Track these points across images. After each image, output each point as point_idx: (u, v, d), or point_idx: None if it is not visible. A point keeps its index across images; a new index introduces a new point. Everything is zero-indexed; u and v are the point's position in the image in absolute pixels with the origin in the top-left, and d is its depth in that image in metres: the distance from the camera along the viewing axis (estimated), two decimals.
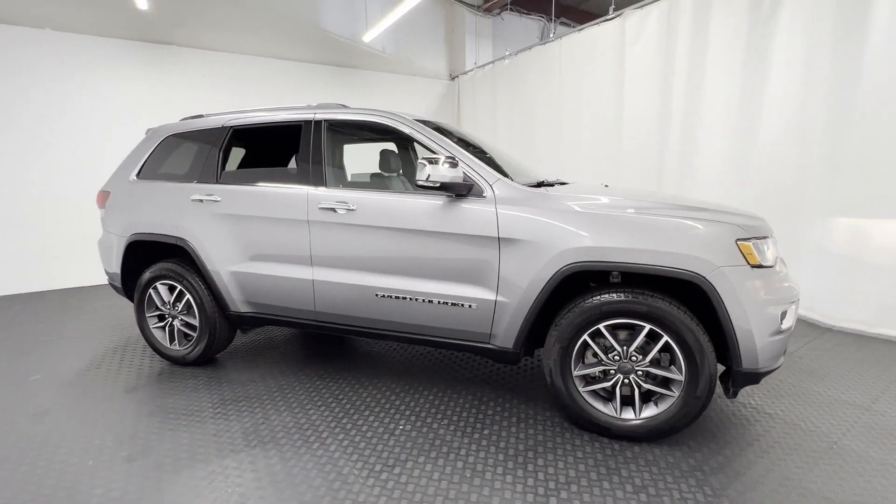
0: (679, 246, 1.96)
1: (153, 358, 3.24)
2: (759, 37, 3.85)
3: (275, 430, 2.29)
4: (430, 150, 2.46)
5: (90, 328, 3.94)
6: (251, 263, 2.74)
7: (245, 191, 2.75)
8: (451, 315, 2.35)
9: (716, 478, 1.89)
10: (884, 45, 3.21)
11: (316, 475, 1.94)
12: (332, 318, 2.64)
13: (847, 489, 1.82)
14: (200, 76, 5.92)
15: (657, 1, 4.63)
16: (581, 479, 1.89)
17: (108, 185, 3.26)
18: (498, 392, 2.68)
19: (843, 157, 3.49)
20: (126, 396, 2.68)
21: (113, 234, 3.17)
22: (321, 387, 2.76)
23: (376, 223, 2.42)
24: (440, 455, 2.07)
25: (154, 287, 3.03)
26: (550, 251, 2.11)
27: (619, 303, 2.03)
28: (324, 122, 2.70)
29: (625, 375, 2.11)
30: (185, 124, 3.12)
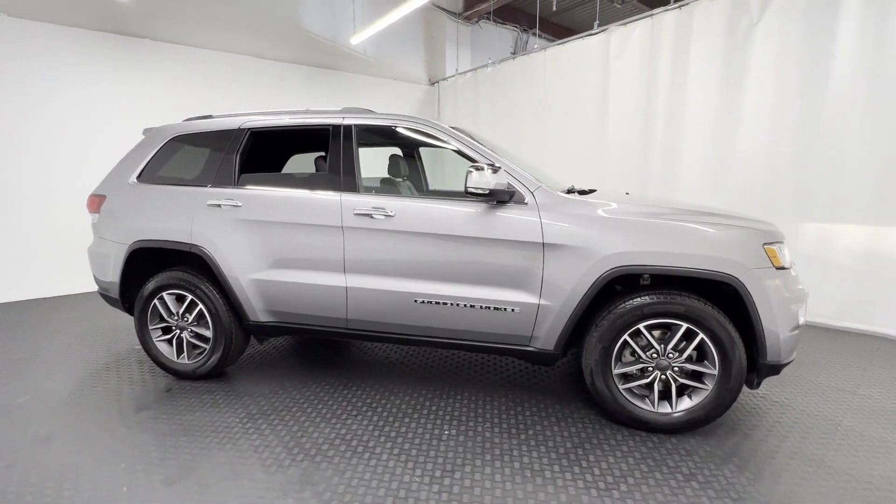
0: (715, 250, 2.12)
1: (154, 373, 3.03)
2: (736, 57, 4.21)
3: (317, 443, 2.23)
4: (467, 158, 2.50)
5: (68, 343, 3.62)
6: (275, 271, 2.65)
7: (270, 196, 2.66)
8: (493, 319, 2.39)
9: (752, 462, 2.06)
10: (845, 67, 3.61)
11: (377, 485, 1.91)
12: (366, 325, 2.60)
13: (861, 465, 2.04)
14: (175, 72, 5.59)
15: (640, 20, 4.92)
16: (633, 472, 2.00)
17: (103, 189, 3.02)
18: (528, 393, 2.75)
19: (809, 167, 3.88)
20: (138, 416, 2.50)
21: (110, 241, 2.94)
22: (350, 395, 2.71)
23: (417, 229, 2.42)
24: (494, 458, 2.10)
25: (160, 297, 2.84)
26: (595, 256, 2.21)
27: (660, 304, 2.17)
28: (354, 127, 2.66)
29: (661, 372, 2.25)
30: (192, 125, 2.96)
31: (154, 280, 2.84)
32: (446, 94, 7.73)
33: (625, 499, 1.83)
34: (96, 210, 3.01)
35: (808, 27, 3.78)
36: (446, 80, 7.71)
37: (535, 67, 6.13)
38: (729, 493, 1.85)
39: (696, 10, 4.45)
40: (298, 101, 6.56)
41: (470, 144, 2.50)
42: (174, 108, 5.53)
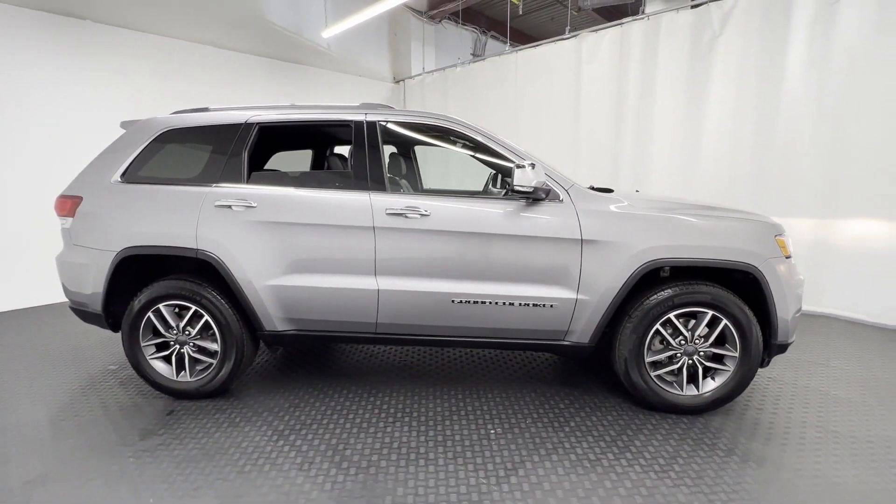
0: (737, 242, 2.31)
1: (145, 394, 2.71)
2: (700, 66, 4.59)
3: (364, 454, 2.12)
4: (497, 156, 2.51)
5: (25, 369, 3.12)
6: (297, 276, 2.47)
7: (291, 196, 2.48)
8: (531, 316, 2.42)
9: (774, 434, 2.27)
10: (796, 78, 4.08)
11: (446, 491, 1.86)
12: (398, 328, 2.52)
13: (858, 428, 2.32)
14: (121, 58, 5.02)
15: (610, 27, 5.21)
16: (679, 452, 2.12)
17: (77, 189, 2.64)
18: (552, 386, 2.81)
19: (765, 167, 4.34)
20: (145, 442, 2.22)
21: (89, 249, 2.58)
22: (378, 402, 2.61)
23: (454, 228, 2.39)
24: (549, 451, 2.13)
25: (155, 310, 2.55)
26: (631, 250, 2.31)
27: (689, 293, 2.32)
28: (378, 124, 2.56)
29: (688, 357, 2.41)
30: (187, 119, 2.68)
31: (147, 291, 2.53)
32: (413, 92, 7.65)
33: (682, 477, 1.94)
34: (68, 213, 2.63)
35: (763, 42, 4.21)
36: (412, 78, 7.63)
37: (507, 69, 6.26)
38: (767, 464, 2.03)
39: (663, 22, 4.80)
40: (261, 94, 6.18)
41: (502, 143, 2.51)
42: (121, 96, 4.98)
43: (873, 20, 3.66)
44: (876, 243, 3.87)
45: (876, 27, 3.65)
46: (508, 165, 2.48)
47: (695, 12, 4.58)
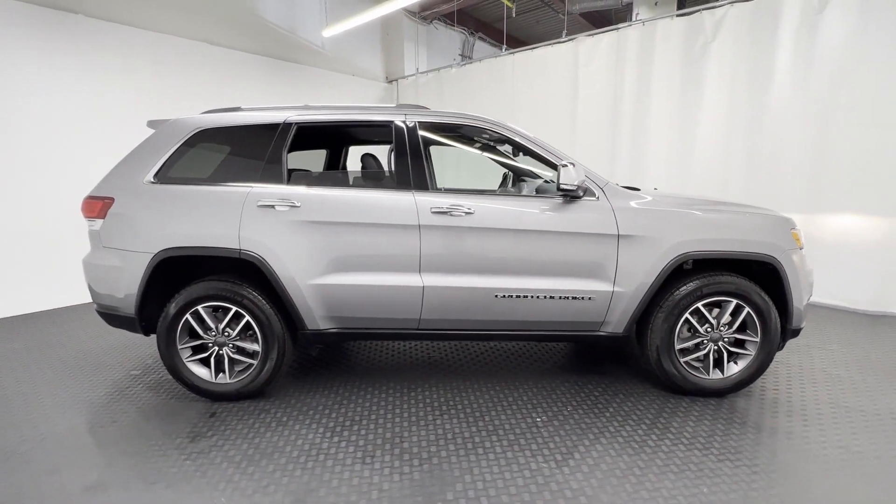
0: (760, 235, 2.50)
1: (181, 398, 2.67)
2: (694, 70, 4.85)
3: (422, 446, 2.18)
4: (536, 156, 2.62)
5: (43, 377, 3.00)
6: (341, 275, 2.50)
7: (335, 195, 2.50)
8: (570, 308, 2.54)
9: (796, 411, 2.47)
10: (783, 82, 4.37)
11: (512, 476, 1.95)
12: (441, 324, 2.58)
13: (864, 402, 2.55)
14: (113, 54, 4.84)
15: (606, 32, 5.41)
16: (716, 432, 2.28)
17: (107, 190, 2.58)
18: (585, 376, 2.94)
19: (755, 165, 4.63)
20: (196, 444, 2.21)
21: (123, 251, 2.52)
22: (419, 396, 2.66)
23: (498, 225, 2.47)
24: (597, 435, 2.25)
25: (194, 312, 2.52)
26: (664, 244, 2.46)
27: (716, 284, 2.49)
28: (419, 125, 2.62)
29: (714, 343, 2.58)
30: (221, 118, 2.65)
31: (185, 293, 2.50)
32: (407, 92, 7.68)
33: (724, 453, 2.09)
34: (98, 215, 2.56)
35: (753, 48, 4.49)
36: (406, 78, 7.66)
37: (503, 70, 6.39)
38: (797, 439, 2.22)
39: (658, 28, 5.03)
40: (257, 93, 6.08)
41: (541, 143, 2.61)
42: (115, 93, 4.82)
43: (854, 29, 3.97)
44: (855, 236, 4.20)
45: (856, 36, 3.96)
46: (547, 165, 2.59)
47: (688, 19, 4.83)
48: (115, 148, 4.71)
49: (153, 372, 3.06)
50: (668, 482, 1.90)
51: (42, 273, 4.53)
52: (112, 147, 4.73)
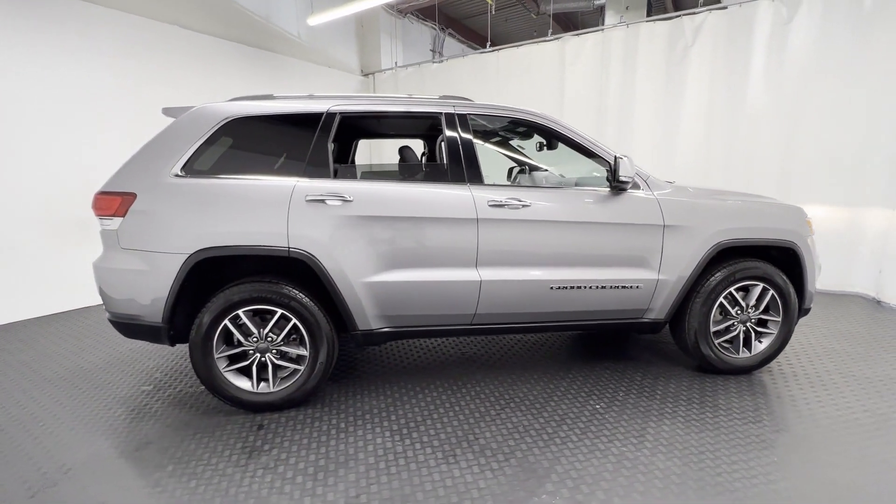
0: (783, 223, 2.72)
1: (214, 410, 2.45)
2: (676, 71, 5.16)
3: (498, 440, 2.16)
4: (582, 148, 2.67)
5: (34, 394, 2.62)
6: (396, 271, 2.41)
7: (390, 189, 2.40)
8: (619, 297, 2.62)
9: (816, 383, 2.71)
10: (757, 87, 4.77)
11: (600, 461, 1.99)
12: (495, 318, 2.57)
13: (865, 370, 2.86)
14: (69, 30, 4.30)
15: (592, 33, 5.61)
16: (759, 406, 2.46)
17: (127, 185, 2.29)
18: (620, 363, 3.04)
19: (733, 161, 5.02)
20: (257, 462, 2.04)
21: (149, 253, 2.26)
22: (471, 392, 2.63)
23: (553, 217, 2.50)
24: (659, 417, 2.35)
25: (233, 317, 2.32)
26: (704, 234, 2.61)
27: (747, 269, 2.68)
28: (468, 117, 2.57)
29: (743, 325, 2.78)
30: (256, 107, 2.44)
31: (223, 296, 2.29)
32: (385, 87, 7.50)
33: (777, 423, 2.26)
34: (116, 213, 2.28)
35: (729, 52, 4.86)
36: (383, 72, 7.48)
37: (487, 67, 6.43)
38: (828, 405, 2.45)
39: (641, 30, 5.29)
40: (232, 81, 5.68)
41: (586, 137, 2.67)
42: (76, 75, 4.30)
43: (817, 38, 4.42)
44: (821, 224, 4.67)
45: (819, 43, 4.41)
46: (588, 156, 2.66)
47: (670, 24, 5.13)
48: (68, 135, 4.23)
49: (167, 386, 2.78)
50: (742, 455, 2.02)
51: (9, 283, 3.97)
52: (65, 134, 4.22)
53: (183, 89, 5.17)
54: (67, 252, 4.34)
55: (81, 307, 4.45)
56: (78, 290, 4.40)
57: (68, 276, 4.33)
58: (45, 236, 4.23)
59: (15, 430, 2.31)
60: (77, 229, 4.39)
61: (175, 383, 2.83)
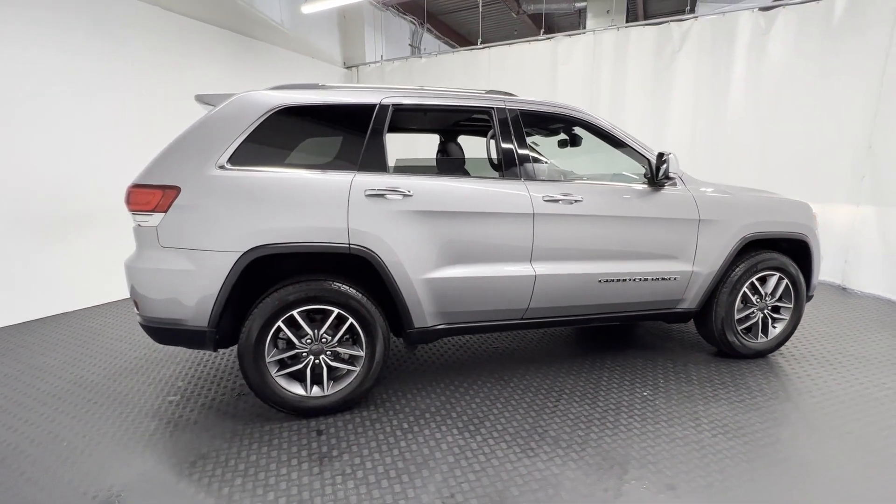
0: (798, 217, 2.95)
1: (254, 418, 2.31)
2: (664, 74, 5.44)
3: (566, 430, 2.20)
4: (622, 145, 2.76)
5: (20, 414, 2.34)
6: (455, 267, 2.38)
7: (450, 184, 2.36)
8: (658, 288, 2.74)
9: (825, 363, 2.97)
10: (738, 90, 5.13)
11: (670, 445, 2.08)
12: (546, 312, 2.60)
13: (860, 350, 3.17)
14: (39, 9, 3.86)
15: (583, 34, 5.79)
16: (786, 385, 2.67)
17: (168, 177, 2.10)
18: (644, 352, 3.17)
19: (717, 159, 5.36)
20: (331, 469, 1.95)
21: (196, 251, 2.09)
22: (520, 385, 2.65)
23: (602, 212, 2.56)
24: (707, 400, 2.48)
25: (287, 318, 2.20)
26: (733, 227, 2.78)
27: (767, 260, 2.89)
28: (520, 112, 2.57)
29: (761, 311, 3.00)
30: (307, 96, 2.30)
31: (276, 296, 2.16)
32: (370, 80, 7.32)
33: (817, 399, 2.47)
34: (157, 208, 2.08)
35: (713, 58, 5.18)
36: (368, 65, 7.30)
37: (479, 64, 6.46)
38: (844, 383, 2.69)
39: (632, 34, 5.53)
40: (215, 66, 5.33)
41: (628, 135, 2.75)
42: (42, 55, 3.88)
43: (792, 48, 4.81)
44: None
45: (794, 54, 4.81)
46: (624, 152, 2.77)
47: (658, 29, 5.40)
48: (35, 122, 3.80)
49: (196, 395, 2.59)
50: (805, 439, 2.17)
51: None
52: (31, 122, 3.79)
53: (161, 73, 4.78)
54: (44, 252, 3.90)
55: (59, 313, 4.02)
56: (54, 294, 3.98)
57: (43, 279, 3.90)
58: (17, 236, 3.77)
59: (39, 453, 2.06)
60: (52, 227, 3.96)
61: (203, 391, 2.63)
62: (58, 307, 4.01)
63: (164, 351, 3.21)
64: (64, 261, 4.06)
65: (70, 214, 4.11)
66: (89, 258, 4.22)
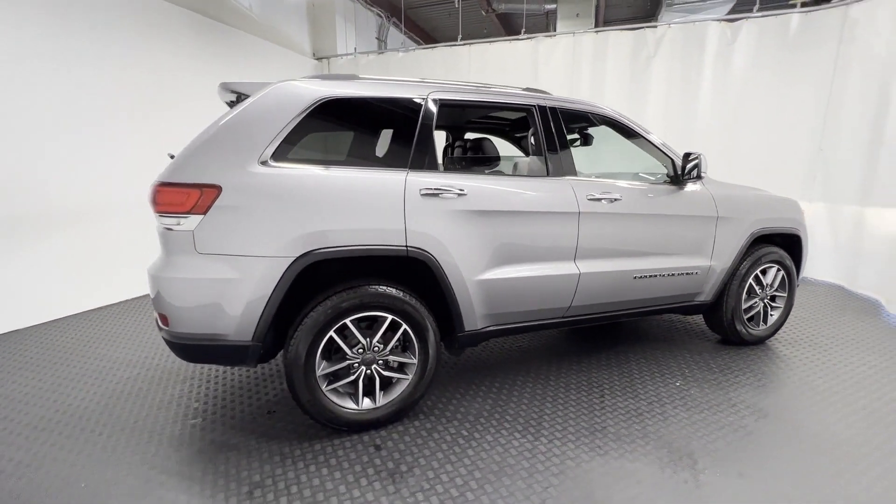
0: (793, 214, 3.21)
1: (296, 437, 2.13)
2: (640, 77, 5.70)
3: (622, 425, 2.24)
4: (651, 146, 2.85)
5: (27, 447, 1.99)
6: (504, 268, 2.33)
7: (501, 183, 2.29)
8: (681, 283, 2.86)
9: (824, 348, 3.26)
10: (707, 94, 5.51)
11: (707, 429, 2.18)
12: (586, 310, 2.62)
13: (835, 331, 3.54)
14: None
15: (564, 35, 5.93)
16: (792, 367, 2.90)
17: (207, 175, 1.85)
18: (660, 343, 3.32)
19: None
20: (406, 487, 1.84)
21: (240, 257, 1.87)
22: (554, 383, 2.66)
23: (639, 210, 2.63)
24: (735, 387, 2.63)
25: (340, 327, 2.04)
26: (745, 224, 2.97)
27: (770, 254, 3.12)
28: (558, 110, 2.56)
29: (762, 301, 3.24)
30: (354, 87, 2.14)
31: (329, 304, 2.00)
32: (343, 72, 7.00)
33: (815, 381, 2.70)
34: (194, 210, 1.83)
35: (684, 64, 5.52)
36: (340, 57, 6.99)
37: (459, 60, 6.40)
38: (841, 365, 2.97)
39: (610, 38, 5.74)
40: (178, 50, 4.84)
41: (653, 136, 2.84)
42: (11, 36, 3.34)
43: (754, 58, 5.24)
44: None
45: (756, 63, 5.24)
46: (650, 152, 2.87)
47: (635, 34, 5.65)
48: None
49: (219, 415, 2.34)
50: (832, 417, 2.36)
51: None
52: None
53: (126, 57, 4.27)
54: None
55: (9, 331, 3.46)
56: (7, 308, 3.43)
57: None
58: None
59: (62, 492, 1.75)
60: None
61: (225, 411, 2.38)
62: (4, 324, 3.46)
63: (158, 368, 2.87)
64: (10, 269, 3.51)
65: (22, 215, 3.56)
66: (46, 266, 3.68)
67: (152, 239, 2.01)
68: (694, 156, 2.73)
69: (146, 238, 2.55)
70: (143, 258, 2.19)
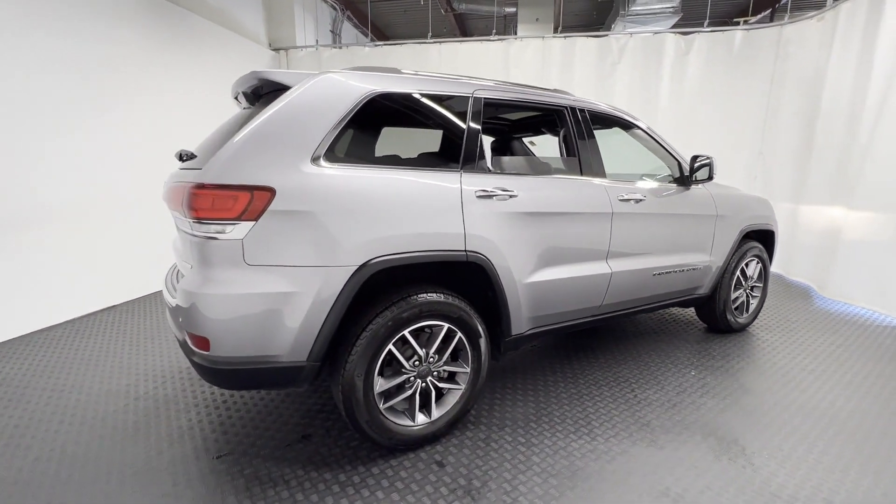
0: (768, 212, 3.55)
1: (342, 459, 1.96)
2: (605, 83, 6.00)
3: (670, 417, 2.32)
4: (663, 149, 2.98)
5: None
6: (548, 269, 2.31)
7: (549, 182, 2.27)
8: (687, 278, 3.04)
9: (788, 327, 3.64)
10: (665, 101, 5.93)
11: (752, 421, 2.34)
12: (613, 307, 2.69)
13: (799, 315, 3.98)
14: None
15: (533, 38, 6.06)
16: (777, 350, 3.20)
17: (258, 175, 1.62)
18: (660, 335, 3.50)
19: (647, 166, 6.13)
20: (486, 497, 1.76)
21: (297, 268, 1.66)
22: (588, 380, 2.71)
23: (660, 210, 2.75)
24: (745, 371, 2.84)
25: (400, 340, 1.90)
26: (738, 221, 3.23)
27: (752, 249, 3.41)
28: (588, 112, 2.59)
29: (744, 293, 3.54)
30: (403, 81, 1.99)
31: (388, 315, 1.85)
32: (302, 65, 6.59)
33: (811, 363, 3.00)
34: (243, 216, 1.60)
35: (644, 72, 5.90)
36: (300, 49, 6.57)
37: (429, 58, 6.31)
38: (819, 345, 3.33)
39: (577, 43, 5.97)
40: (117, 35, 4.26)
41: (663, 138, 2.98)
42: None
43: (704, 69, 5.74)
44: None
45: (705, 74, 5.74)
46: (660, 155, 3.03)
47: (600, 41, 5.93)
48: None
49: (246, 448, 2.08)
50: (846, 400, 2.64)
51: None
52: None
53: (67, 37, 3.66)
54: None
55: None
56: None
57: None
58: None
59: None
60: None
61: (250, 440, 2.13)
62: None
63: (148, 398, 2.50)
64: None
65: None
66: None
67: (89, 250, 1.72)
68: (704, 158, 2.90)
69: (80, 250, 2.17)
70: (94, 269, 1.88)
